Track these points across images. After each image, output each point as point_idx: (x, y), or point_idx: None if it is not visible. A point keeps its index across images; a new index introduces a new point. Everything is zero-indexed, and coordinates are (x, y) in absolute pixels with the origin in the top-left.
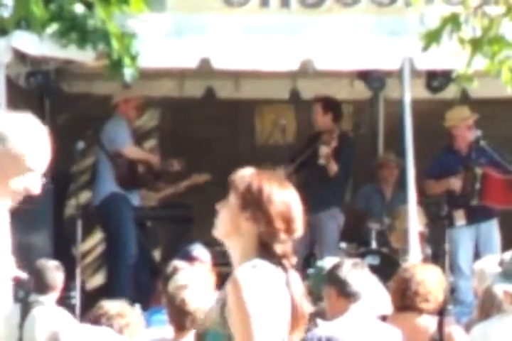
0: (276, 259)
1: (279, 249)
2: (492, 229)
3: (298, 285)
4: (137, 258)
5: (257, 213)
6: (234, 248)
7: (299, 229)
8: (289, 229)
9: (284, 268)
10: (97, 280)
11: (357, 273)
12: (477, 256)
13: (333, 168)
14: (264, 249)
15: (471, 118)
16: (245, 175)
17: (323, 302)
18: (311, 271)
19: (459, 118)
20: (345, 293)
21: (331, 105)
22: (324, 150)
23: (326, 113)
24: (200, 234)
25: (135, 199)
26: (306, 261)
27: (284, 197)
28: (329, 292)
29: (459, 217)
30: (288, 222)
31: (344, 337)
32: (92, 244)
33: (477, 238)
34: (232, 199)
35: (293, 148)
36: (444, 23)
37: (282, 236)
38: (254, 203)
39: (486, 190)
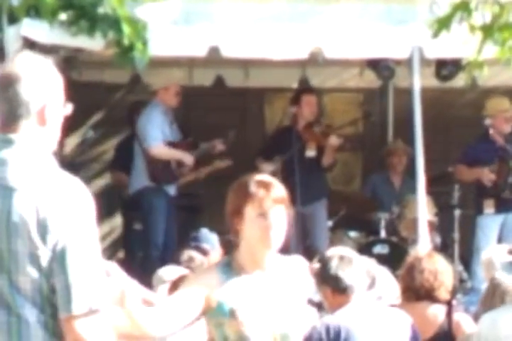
0: None
1: None
2: None
3: None
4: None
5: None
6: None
7: None
8: None
9: None
10: None
11: (346, 266)
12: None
13: (331, 159)
14: None
15: (509, 111)
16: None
17: None
18: None
19: (497, 109)
20: (340, 289)
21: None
22: (335, 140)
23: (319, 105)
24: (209, 223)
25: (171, 190)
26: (308, 252)
27: None
28: (324, 291)
29: (488, 206)
30: None
31: (351, 324)
32: (103, 232)
33: (502, 227)
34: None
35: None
36: (454, 10)
37: None
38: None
39: None
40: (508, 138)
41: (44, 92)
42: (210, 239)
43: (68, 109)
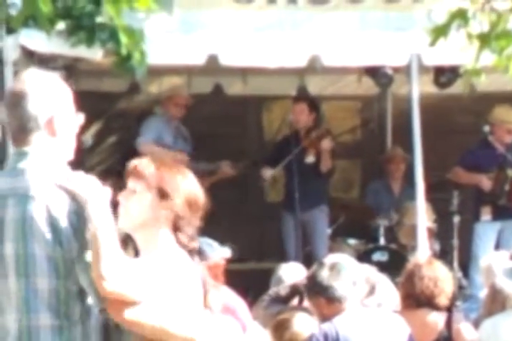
0: (187, 244)
1: (190, 232)
2: None
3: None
4: None
5: (171, 201)
6: (150, 237)
7: (201, 213)
8: (197, 214)
9: (191, 253)
10: None
11: (337, 275)
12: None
13: (328, 164)
14: (178, 235)
15: None
16: (148, 164)
17: None
18: None
19: (502, 119)
20: (335, 298)
21: (315, 105)
22: (328, 143)
23: (311, 113)
24: (207, 231)
25: None
26: (307, 259)
27: (190, 184)
28: (317, 302)
29: (485, 213)
30: (196, 207)
31: (349, 332)
32: None
33: (500, 234)
34: (143, 189)
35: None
36: (452, 18)
37: (194, 221)
38: (168, 192)
39: None
40: (508, 147)
41: (50, 105)
42: (209, 245)
43: (80, 118)
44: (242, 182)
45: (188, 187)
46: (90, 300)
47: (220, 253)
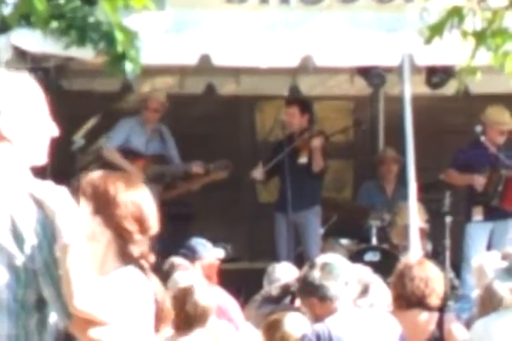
0: (134, 261)
1: (135, 250)
2: (508, 228)
3: (158, 285)
4: None
5: (107, 217)
6: (93, 254)
7: (154, 227)
8: (142, 229)
9: (143, 269)
10: None
11: (329, 275)
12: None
13: (320, 163)
14: (123, 253)
15: (506, 126)
16: (91, 178)
17: None
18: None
19: (493, 120)
20: (327, 298)
21: (307, 106)
22: (318, 141)
23: (303, 114)
24: (200, 231)
25: None
26: (299, 259)
27: (133, 196)
28: (310, 302)
29: (477, 213)
30: (140, 221)
31: (341, 332)
32: None
33: (491, 235)
34: (83, 205)
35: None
36: (447, 16)
37: (137, 237)
38: (102, 207)
39: (508, 192)
40: (500, 147)
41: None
42: (202, 245)
43: (52, 127)
44: (234, 182)
45: (130, 200)
46: (50, 313)
47: (213, 253)
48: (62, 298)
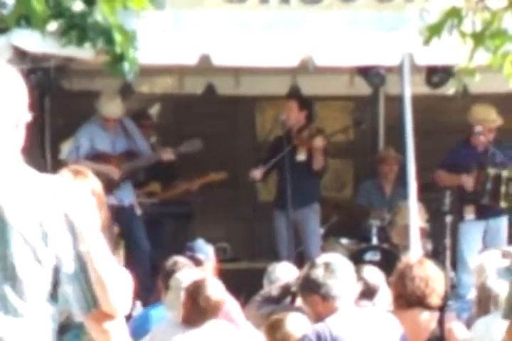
0: None
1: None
2: (500, 225)
3: None
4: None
5: None
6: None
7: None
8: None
9: None
10: None
11: (332, 274)
12: (483, 251)
13: (321, 161)
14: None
15: (494, 123)
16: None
17: None
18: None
19: (483, 119)
20: (330, 296)
21: (306, 103)
22: (320, 141)
23: (301, 110)
24: (200, 230)
25: (124, 196)
26: (300, 259)
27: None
28: (312, 300)
29: (469, 212)
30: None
31: (342, 332)
32: None
33: (485, 233)
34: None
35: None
36: (446, 17)
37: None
38: None
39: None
40: (488, 146)
41: None
42: (204, 249)
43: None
44: (233, 182)
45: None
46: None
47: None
48: (87, 293)
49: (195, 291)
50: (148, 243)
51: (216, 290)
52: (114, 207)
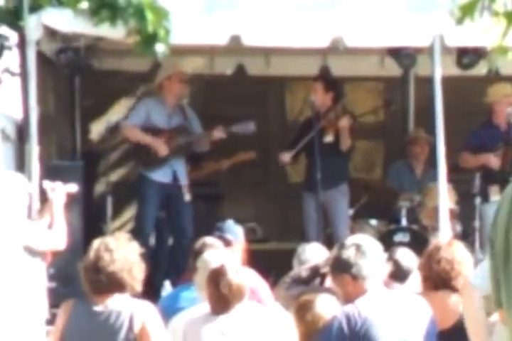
0: None
1: None
2: None
3: None
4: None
5: None
6: None
7: None
8: None
9: None
10: None
11: (362, 255)
12: None
13: (348, 141)
14: None
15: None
16: None
17: None
18: None
19: (502, 94)
20: (361, 276)
21: (332, 84)
22: (346, 121)
23: (327, 92)
24: (229, 211)
25: (159, 176)
26: (329, 240)
27: None
28: (342, 280)
29: (494, 193)
30: None
31: (371, 313)
32: (122, 221)
33: None
34: None
35: None
36: None
37: None
38: None
39: None
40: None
41: None
42: (234, 230)
43: None
44: (263, 162)
45: None
46: None
47: (240, 235)
48: None
49: (215, 279)
50: (192, 230)
51: (236, 274)
52: (165, 184)
